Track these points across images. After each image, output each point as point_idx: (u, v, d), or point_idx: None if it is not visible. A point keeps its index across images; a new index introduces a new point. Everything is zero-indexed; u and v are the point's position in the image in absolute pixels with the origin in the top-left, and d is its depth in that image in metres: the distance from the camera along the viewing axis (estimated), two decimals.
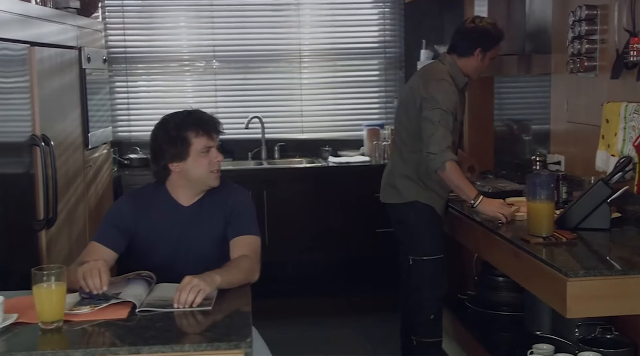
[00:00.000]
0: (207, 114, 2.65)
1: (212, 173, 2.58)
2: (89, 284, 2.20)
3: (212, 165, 2.57)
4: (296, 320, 4.69)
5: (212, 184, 2.61)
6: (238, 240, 2.55)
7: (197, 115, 2.62)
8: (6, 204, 3.14)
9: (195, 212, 2.62)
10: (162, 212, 2.61)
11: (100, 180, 4.54)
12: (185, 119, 2.59)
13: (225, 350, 1.89)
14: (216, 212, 2.61)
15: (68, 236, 3.81)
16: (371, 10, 5.60)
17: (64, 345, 1.93)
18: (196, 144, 2.55)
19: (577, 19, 3.45)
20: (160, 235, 2.59)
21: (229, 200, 2.63)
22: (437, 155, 3.26)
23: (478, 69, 3.55)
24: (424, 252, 3.49)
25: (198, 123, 2.58)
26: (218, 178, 2.61)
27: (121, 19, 5.38)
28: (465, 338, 3.73)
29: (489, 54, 3.52)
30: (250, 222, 2.61)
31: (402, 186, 3.53)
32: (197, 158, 2.55)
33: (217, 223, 2.60)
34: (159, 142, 2.59)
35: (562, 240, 2.82)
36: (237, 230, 2.57)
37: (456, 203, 3.63)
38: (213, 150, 2.59)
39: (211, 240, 2.59)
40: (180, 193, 2.63)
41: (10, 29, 3.21)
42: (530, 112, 4.44)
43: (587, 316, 2.89)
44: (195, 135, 2.55)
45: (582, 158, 3.54)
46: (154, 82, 5.50)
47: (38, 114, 3.44)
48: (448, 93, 3.39)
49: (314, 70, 5.60)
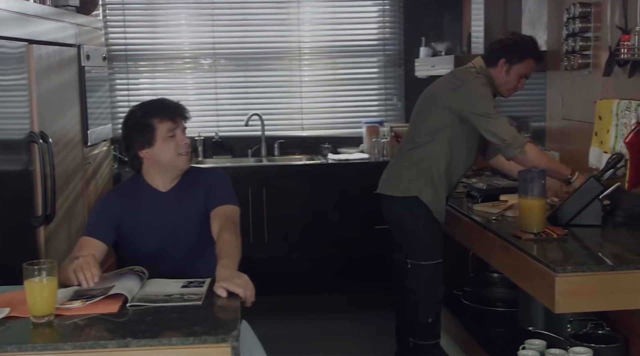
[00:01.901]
0: (172, 101, 2.75)
1: (180, 156, 2.65)
2: (80, 278, 2.25)
3: (179, 148, 2.64)
4: (295, 317, 4.71)
5: (182, 167, 2.68)
6: (218, 210, 2.62)
7: (161, 102, 2.73)
8: (4, 201, 3.17)
9: (174, 196, 2.69)
10: (144, 202, 2.68)
11: (100, 177, 4.58)
12: (149, 107, 2.70)
13: (212, 344, 1.91)
14: (196, 192, 2.69)
15: (67, 232, 3.84)
16: (371, 7, 5.62)
17: (55, 339, 1.96)
18: (160, 129, 2.62)
19: (571, 16, 3.47)
20: (146, 223, 2.65)
21: (207, 179, 2.72)
22: (512, 141, 3.20)
23: (504, 84, 3.37)
24: (423, 256, 3.41)
25: (161, 109, 2.67)
26: (187, 161, 2.69)
27: (122, 16, 5.41)
28: (460, 334, 3.75)
29: (515, 68, 3.31)
30: (228, 193, 2.70)
31: (406, 178, 3.42)
32: (163, 143, 2.63)
33: (198, 203, 2.68)
34: (127, 131, 2.70)
35: (552, 236, 2.84)
36: (217, 201, 2.65)
37: (453, 201, 3.65)
38: (179, 134, 2.65)
39: (195, 221, 2.66)
40: (156, 180, 2.70)
41: (8, 27, 3.24)
42: (528, 109, 4.45)
43: (576, 311, 2.91)
44: (160, 121, 2.63)
45: (577, 155, 3.56)
46: (154, 79, 5.54)
47: (36, 111, 3.47)
48: (485, 86, 3.32)
49: (314, 67, 5.62)
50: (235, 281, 2.23)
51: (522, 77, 3.32)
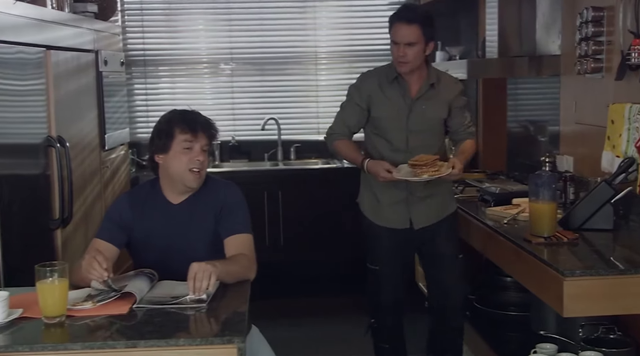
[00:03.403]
0: (203, 116, 2.66)
1: (190, 173, 2.57)
2: (92, 276, 2.28)
3: (192, 163, 2.57)
4: (310, 320, 4.73)
5: (190, 184, 2.60)
6: (232, 240, 2.57)
7: (190, 113, 2.66)
8: (23, 204, 3.23)
9: (184, 211, 2.63)
10: (154, 210, 2.64)
11: (117, 181, 4.64)
12: (177, 114, 2.64)
13: (219, 345, 1.94)
14: (206, 210, 2.62)
15: (84, 235, 3.89)
16: (387, 12, 5.61)
17: (65, 339, 2.00)
18: (179, 138, 2.57)
19: (584, 20, 3.46)
20: (152, 232, 2.62)
21: (219, 197, 2.63)
22: (328, 133, 3.46)
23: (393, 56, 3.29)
24: (367, 259, 3.48)
25: (186, 119, 2.61)
26: (197, 180, 2.60)
27: (140, 22, 5.48)
28: (472, 338, 3.75)
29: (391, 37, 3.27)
30: (242, 220, 2.62)
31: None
32: (177, 153, 2.57)
33: (208, 222, 2.61)
34: (152, 131, 2.66)
35: (563, 240, 2.84)
36: (230, 229, 2.59)
37: (465, 205, 3.66)
38: (196, 148, 2.58)
39: (202, 240, 2.60)
40: (168, 191, 2.65)
41: (26, 33, 3.31)
42: (544, 113, 4.44)
43: (584, 315, 2.91)
44: (180, 131, 2.57)
45: (590, 159, 3.54)
46: (172, 84, 5.60)
47: (54, 116, 3.53)
48: (362, 77, 3.41)
49: (330, 72, 5.66)
50: (196, 273, 2.24)
51: (394, 43, 3.23)
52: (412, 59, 3.23)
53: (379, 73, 3.39)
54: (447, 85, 3.39)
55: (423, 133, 3.32)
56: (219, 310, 2.18)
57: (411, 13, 3.27)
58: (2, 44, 3.05)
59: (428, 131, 3.34)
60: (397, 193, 3.33)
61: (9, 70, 3.11)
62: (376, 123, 3.36)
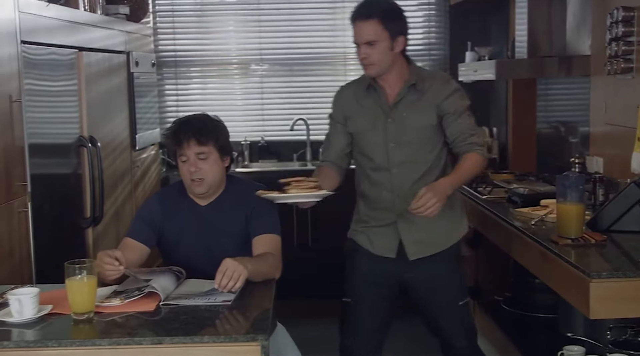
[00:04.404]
0: (195, 122, 2.62)
1: (192, 182, 2.60)
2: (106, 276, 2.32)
3: (190, 174, 2.58)
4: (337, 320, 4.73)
5: (193, 191, 2.63)
6: (261, 239, 2.60)
7: (184, 123, 2.63)
8: (55, 202, 3.30)
9: (213, 212, 2.66)
10: (183, 211, 2.68)
11: (148, 180, 4.69)
12: (172, 128, 2.65)
13: (243, 342, 1.97)
14: (236, 210, 2.65)
15: (115, 234, 3.95)
16: (416, 12, 5.63)
17: (93, 335, 2.04)
18: (176, 152, 2.62)
19: (614, 20, 3.43)
20: (182, 232, 2.66)
21: (251, 197, 2.63)
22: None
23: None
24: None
25: (175, 132, 2.61)
26: (198, 188, 2.60)
27: (171, 23, 5.54)
28: (500, 340, 3.74)
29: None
30: (272, 221, 2.65)
31: None
32: (180, 165, 2.64)
33: (238, 222, 2.64)
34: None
35: (590, 242, 2.82)
36: (259, 229, 2.62)
37: (493, 205, 3.64)
38: (191, 158, 2.58)
39: (232, 240, 2.62)
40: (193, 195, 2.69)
41: (59, 35, 3.37)
42: (575, 114, 4.41)
43: (611, 317, 2.87)
44: (173, 144, 2.62)
45: (620, 160, 3.51)
46: (202, 85, 5.65)
47: (85, 116, 3.60)
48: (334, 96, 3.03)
49: (359, 72, 5.57)
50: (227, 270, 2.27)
51: (356, 45, 2.84)
52: (377, 60, 2.78)
53: (356, 82, 3.01)
54: (433, 86, 2.86)
55: (407, 146, 2.84)
56: (244, 307, 2.21)
57: (368, 8, 2.82)
58: (36, 46, 3.11)
59: (414, 143, 2.84)
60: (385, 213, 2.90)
61: (42, 72, 3.18)
62: (356, 139, 2.93)
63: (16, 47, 2.94)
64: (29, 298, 2.12)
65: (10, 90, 2.91)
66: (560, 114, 4.65)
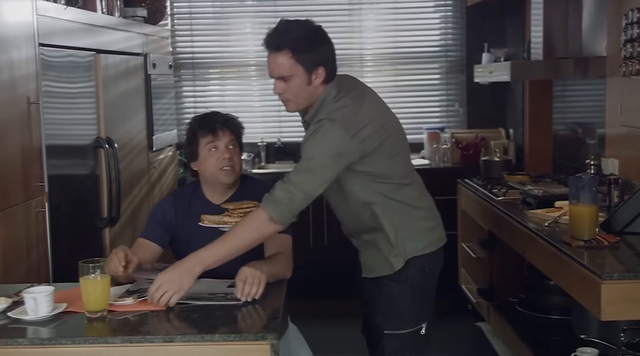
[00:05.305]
0: (221, 114, 2.70)
1: (222, 170, 2.62)
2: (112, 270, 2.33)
3: (220, 162, 2.61)
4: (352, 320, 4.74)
5: (223, 180, 2.64)
6: (272, 239, 2.58)
7: (208, 115, 2.71)
8: (72, 203, 3.34)
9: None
10: (196, 211, 2.68)
11: (165, 181, 4.74)
12: (197, 120, 2.70)
13: (253, 341, 1.99)
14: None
15: (131, 234, 3.99)
16: (433, 14, 5.64)
17: (106, 333, 2.07)
18: (202, 142, 2.63)
19: (629, 21, 3.42)
20: (195, 232, 2.66)
21: (261, 197, 2.59)
22: None
23: None
24: None
25: (204, 123, 2.66)
26: (230, 176, 2.63)
27: (189, 26, 5.59)
28: (514, 341, 3.73)
29: None
30: None
31: None
32: (205, 157, 2.64)
33: None
34: (184, 143, 2.75)
35: (603, 244, 2.81)
36: None
37: (507, 207, 3.64)
38: (221, 147, 2.62)
39: None
40: (209, 193, 2.71)
41: (76, 37, 3.42)
42: (591, 116, 4.40)
43: (623, 319, 2.87)
44: (202, 135, 2.64)
45: (636, 161, 3.50)
46: (220, 86, 5.70)
47: (103, 118, 3.64)
48: None
49: (376, 74, 5.68)
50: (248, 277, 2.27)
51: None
52: (294, 96, 2.45)
53: None
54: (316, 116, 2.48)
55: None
56: (255, 307, 2.23)
57: (277, 38, 2.48)
58: (53, 48, 3.16)
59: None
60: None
61: (59, 74, 3.22)
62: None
63: (34, 50, 2.99)
64: (44, 297, 2.16)
65: (29, 92, 2.96)
66: (576, 116, 4.63)
